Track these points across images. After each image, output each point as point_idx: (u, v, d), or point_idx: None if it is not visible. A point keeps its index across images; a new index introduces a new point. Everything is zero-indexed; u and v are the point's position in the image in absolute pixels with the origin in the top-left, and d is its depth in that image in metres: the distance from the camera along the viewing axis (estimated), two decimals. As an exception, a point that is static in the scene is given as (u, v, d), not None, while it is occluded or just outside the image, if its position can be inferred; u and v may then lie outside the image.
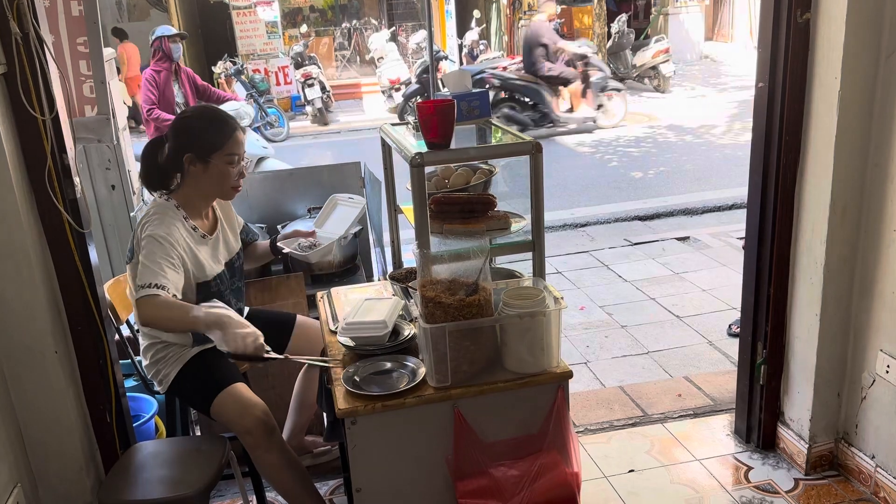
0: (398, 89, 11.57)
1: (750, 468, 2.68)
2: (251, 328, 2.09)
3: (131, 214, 3.97)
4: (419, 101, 2.07)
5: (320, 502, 2.34)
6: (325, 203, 3.05)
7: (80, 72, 2.74)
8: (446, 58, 11.78)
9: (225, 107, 7.20)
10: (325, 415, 2.63)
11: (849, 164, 2.30)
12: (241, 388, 2.27)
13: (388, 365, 2.00)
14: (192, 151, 2.24)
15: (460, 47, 13.32)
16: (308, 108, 11.74)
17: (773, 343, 2.63)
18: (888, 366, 2.32)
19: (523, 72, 9.38)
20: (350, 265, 3.33)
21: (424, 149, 2.00)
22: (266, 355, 2.10)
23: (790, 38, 2.30)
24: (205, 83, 6.14)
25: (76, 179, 2.15)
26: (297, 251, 2.66)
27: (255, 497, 2.62)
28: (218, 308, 2.14)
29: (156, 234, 2.16)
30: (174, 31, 6.07)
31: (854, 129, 2.27)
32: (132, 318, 2.67)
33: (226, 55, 11.26)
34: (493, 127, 2.41)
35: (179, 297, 2.12)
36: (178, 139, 2.27)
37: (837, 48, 2.20)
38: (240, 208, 3.15)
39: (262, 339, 2.09)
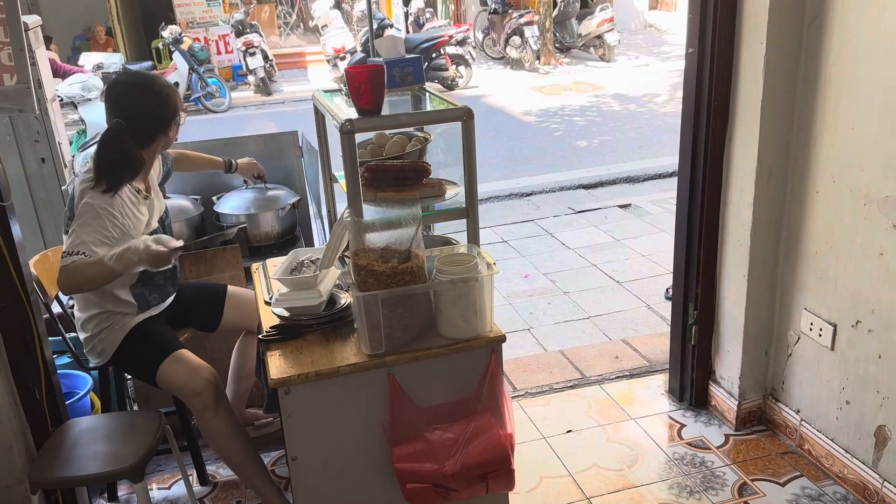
0: (343, 58, 11.39)
1: (683, 426, 2.77)
2: (145, 244, 2.04)
3: (63, 188, 3.85)
4: (348, 67, 2.03)
5: (265, 473, 2.34)
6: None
7: (-2, 39, 2.62)
8: (391, 26, 11.63)
9: (72, 80, 7.06)
10: (265, 387, 2.62)
11: (774, 128, 2.36)
12: (187, 353, 2.26)
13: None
14: (167, 122, 2.24)
15: (406, 15, 13.16)
16: (250, 78, 11.50)
17: (703, 304, 2.70)
18: (811, 323, 2.41)
19: None
20: (289, 236, 3.29)
21: (355, 115, 1.98)
22: (174, 246, 2.09)
23: (718, 4, 2.34)
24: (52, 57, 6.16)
25: (-7, 151, 2.07)
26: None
27: (195, 471, 2.61)
28: (119, 248, 2.05)
29: (95, 204, 2.09)
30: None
31: (779, 93, 2.32)
32: (62, 294, 2.61)
33: (164, 23, 10.91)
34: (428, 94, 2.40)
35: None
36: (150, 110, 2.21)
37: (763, 13, 2.24)
38: (174, 179, 3.07)
39: (152, 244, 2.04)
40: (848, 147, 2.18)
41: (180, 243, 2.11)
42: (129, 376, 2.84)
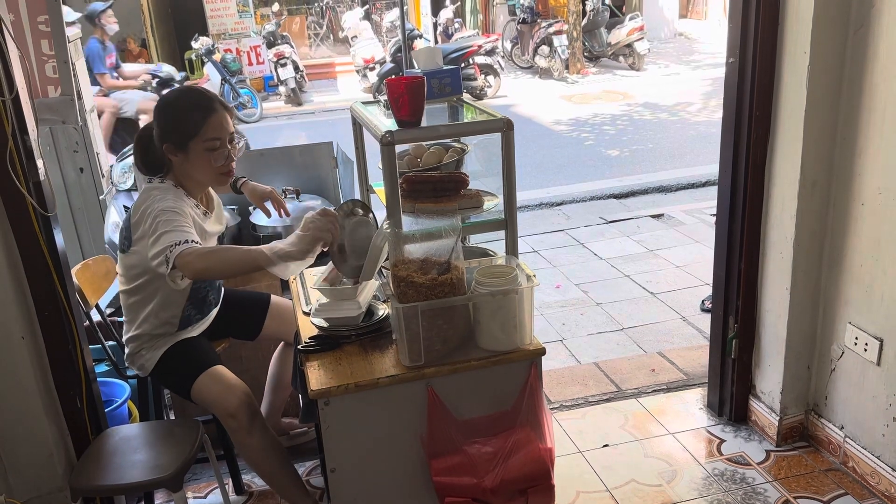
0: (373, 69, 11.46)
1: (722, 441, 2.72)
2: (308, 229, 1.89)
3: (100, 198, 3.91)
4: (388, 79, 2.03)
5: (300, 485, 2.34)
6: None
7: (42, 51, 2.69)
8: (421, 36, 11.68)
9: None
10: (300, 396, 2.62)
11: (818, 139, 2.31)
12: (222, 370, 2.25)
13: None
14: (170, 140, 2.14)
15: (435, 25, 13.21)
16: (281, 89, 11.60)
17: (744, 317, 2.66)
18: (856, 338, 2.35)
19: None
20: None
21: (395, 127, 1.98)
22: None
23: (760, 13, 2.31)
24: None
25: (39, 162, 2.10)
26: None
27: (230, 480, 2.62)
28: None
29: (167, 207, 2.03)
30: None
31: (823, 103, 2.28)
32: (102, 302, 2.64)
33: (196, 34, 11.07)
34: (465, 105, 2.39)
35: None
36: (158, 127, 2.17)
37: (807, 22, 2.20)
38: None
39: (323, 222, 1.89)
40: (894, 158, 2.13)
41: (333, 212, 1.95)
42: (166, 385, 2.87)
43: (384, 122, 2.09)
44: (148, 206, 2.07)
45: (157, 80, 7.25)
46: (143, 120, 6.62)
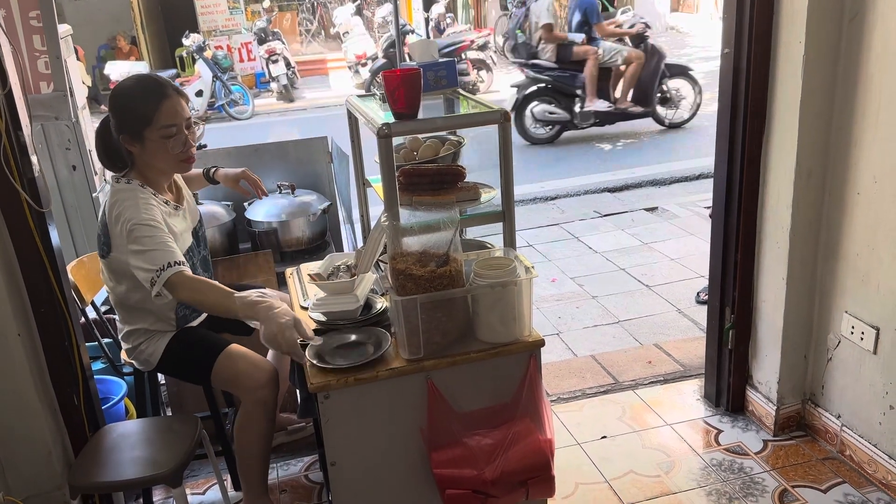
0: (365, 64, 11.43)
1: (720, 431, 2.73)
2: (288, 316, 1.86)
3: (94, 195, 3.88)
4: (384, 71, 2.03)
5: (266, 473, 2.34)
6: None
7: (35, 47, 2.67)
8: (413, 31, 11.65)
9: None
10: (297, 391, 2.62)
11: (813, 129, 2.32)
12: (243, 347, 2.25)
13: (353, 337, 1.98)
14: (125, 131, 2.11)
15: (427, 21, 13.18)
16: (273, 85, 11.57)
17: (740, 308, 2.66)
18: (853, 327, 2.36)
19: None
20: (319, 241, 3.30)
21: (391, 119, 1.97)
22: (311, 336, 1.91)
23: (755, 3, 2.31)
24: None
25: (34, 158, 2.09)
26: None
27: (229, 476, 2.61)
28: (252, 295, 1.94)
29: (140, 221, 2.04)
30: None
31: (818, 92, 2.29)
32: (97, 299, 2.63)
33: (187, 31, 11.02)
34: (461, 97, 2.39)
35: None
36: (113, 118, 2.15)
37: (801, 12, 2.21)
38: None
39: (295, 334, 1.85)
40: (890, 147, 2.14)
41: (319, 340, 1.94)
42: (163, 381, 2.86)
43: (381, 114, 2.09)
44: (119, 212, 2.07)
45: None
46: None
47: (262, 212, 3.20)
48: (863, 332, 2.33)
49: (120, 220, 2.06)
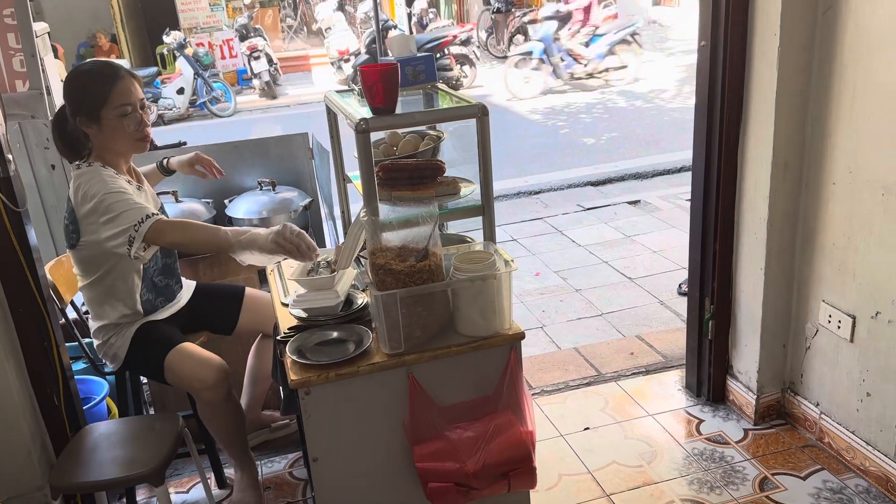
0: (347, 60, 11.40)
1: (701, 421, 2.75)
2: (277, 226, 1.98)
3: (73, 194, 3.85)
4: (361, 66, 2.03)
5: (248, 449, 2.46)
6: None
7: (9, 45, 2.64)
8: (395, 27, 11.63)
9: None
10: (280, 388, 2.62)
11: (789, 120, 2.34)
12: (192, 345, 2.28)
13: (335, 334, 1.98)
14: (82, 113, 2.14)
15: (409, 16, 13.15)
16: (255, 82, 11.51)
17: (719, 298, 2.69)
18: (830, 315, 2.39)
19: None
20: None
21: (369, 114, 1.97)
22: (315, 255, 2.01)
23: (730, -4, 2.32)
24: None
25: (8, 156, 2.07)
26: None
27: (212, 474, 2.61)
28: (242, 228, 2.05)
29: (108, 191, 2.08)
30: None
31: (794, 84, 2.31)
32: (77, 299, 2.61)
33: (168, 28, 10.93)
34: (439, 92, 2.39)
35: None
36: (68, 103, 2.18)
37: (776, 3, 2.23)
38: (185, 182, 3.08)
39: (293, 226, 1.97)
40: (864, 137, 2.16)
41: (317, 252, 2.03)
42: (145, 381, 2.85)
43: (359, 110, 2.08)
44: (86, 191, 2.10)
45: None
46: None
47: (242, 209, 3.18)
48: (840, 321, 2.36)
49: (87, 197, 2.10)
